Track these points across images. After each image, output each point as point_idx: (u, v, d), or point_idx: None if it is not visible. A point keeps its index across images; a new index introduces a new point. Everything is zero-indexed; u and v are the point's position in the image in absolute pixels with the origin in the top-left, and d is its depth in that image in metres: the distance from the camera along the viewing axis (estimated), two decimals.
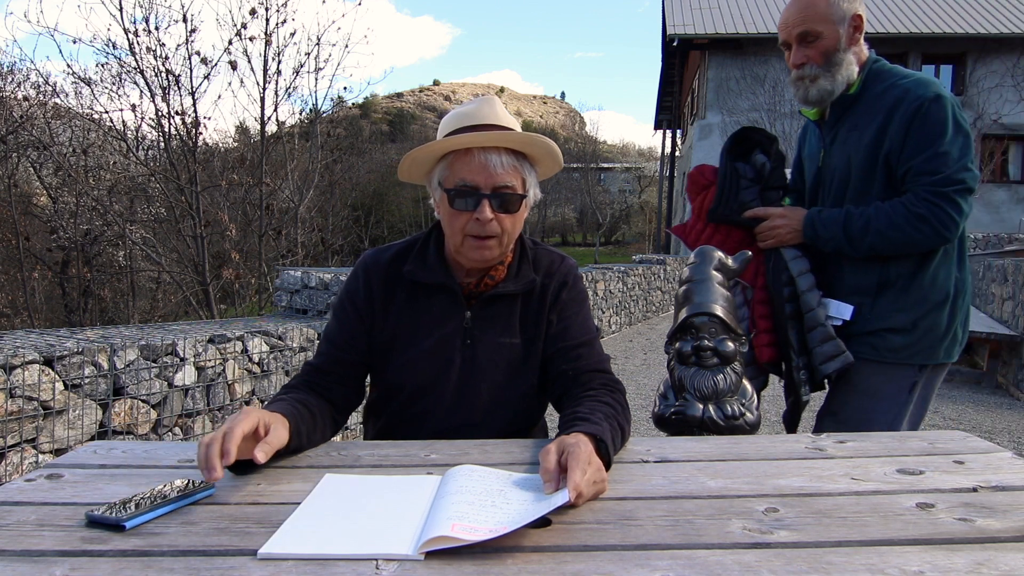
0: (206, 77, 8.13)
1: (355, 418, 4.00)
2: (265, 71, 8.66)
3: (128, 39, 7.68)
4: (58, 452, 2.76)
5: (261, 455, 1.00)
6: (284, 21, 8.55)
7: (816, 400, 1.96)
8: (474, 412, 1.38)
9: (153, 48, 7.73)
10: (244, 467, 1.06)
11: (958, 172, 1.66)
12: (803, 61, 1.77)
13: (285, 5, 8.47)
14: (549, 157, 1.38)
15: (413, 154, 1.35)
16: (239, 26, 8.19)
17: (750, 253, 1.81)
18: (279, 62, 8.70)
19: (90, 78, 8.47)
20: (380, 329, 1.39)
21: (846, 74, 1.77)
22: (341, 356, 1.39)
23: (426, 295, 1.39)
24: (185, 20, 7.74)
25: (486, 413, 1.38)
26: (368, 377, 1.48)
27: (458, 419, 1.38)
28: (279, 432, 1.06)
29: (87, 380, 2.88)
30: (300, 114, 11.14)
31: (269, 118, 9.06)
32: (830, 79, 1.76)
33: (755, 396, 1.76)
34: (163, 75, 7.88)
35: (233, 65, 8.25)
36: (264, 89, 8.75)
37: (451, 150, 1.32)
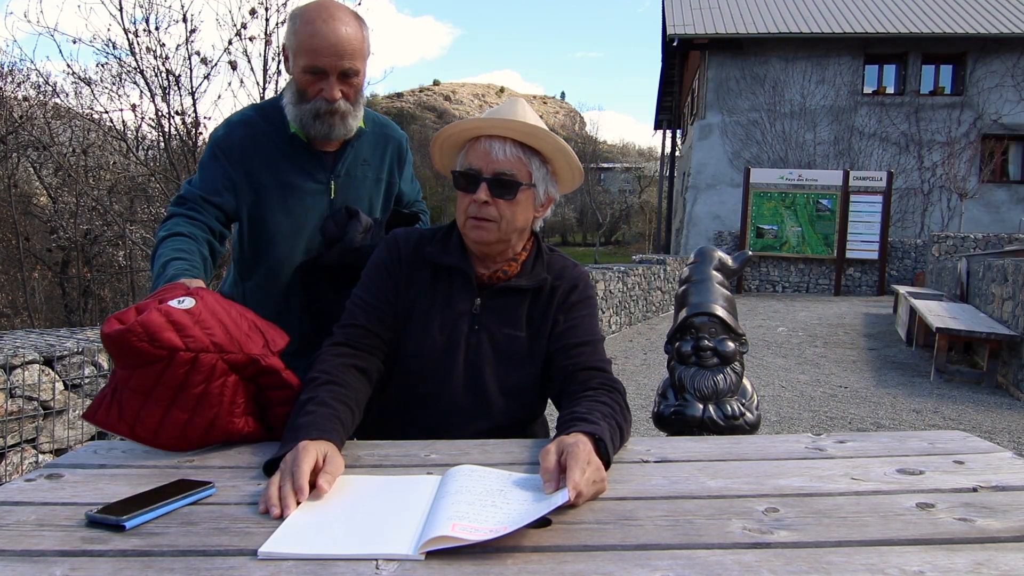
0: (206, 77, 8.11)
1: None
2: (265, 71, 8.65)
3: (128, 39, 7.66)
4: (58, 452, 2.76)
5: (326, 485, 1.02)
6: (284, 21, 8.56)
7: None
8: (476, 398, 1.41)
9: (153, 48, 7.71)
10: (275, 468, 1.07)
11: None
12: (340, 96, 1.73)
13: (285, 5, 8.47)
14: (560, 154, 1.41)
15: (438, 141, 1.46)
16: (239, 26, 8.18)
17: (750, 252, 1.81)
18: (279, 62, 8.71)
19: (90, 78, 8.44)
20: (402, 301, 1.43)
21: (362, 112, 1.81)
22: (379, 317, 1.40)
23: (443, 279, 1.44)
24: (185, 20, 7.73)
25: (488, 400, 1.41)
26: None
27: (460, 403, 1.40)
28: (337, 461, 1.09)
29: (87, 380, 2.88)
30: None
31: None
32: (356, 118, 1.78)
33: (755, 396, 1.77)
34: (163, 75, 7.87)
35: (233, 65, 8.23)
36: (264, 89, 8.73)
37: (468, 139, 1.41)
